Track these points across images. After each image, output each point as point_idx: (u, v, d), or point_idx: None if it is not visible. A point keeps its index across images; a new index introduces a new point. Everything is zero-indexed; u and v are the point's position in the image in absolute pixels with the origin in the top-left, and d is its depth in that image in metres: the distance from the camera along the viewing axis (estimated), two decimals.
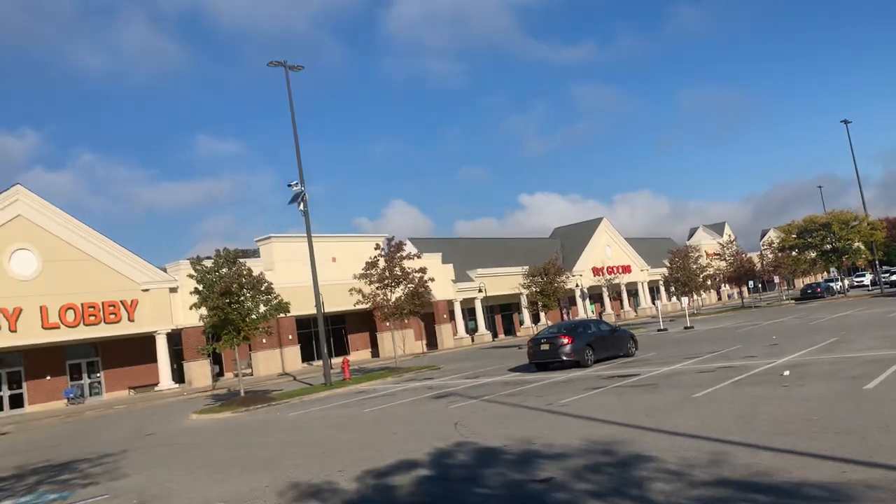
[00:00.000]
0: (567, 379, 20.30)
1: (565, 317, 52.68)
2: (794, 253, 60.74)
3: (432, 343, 56.36)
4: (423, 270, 32.51)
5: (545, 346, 23.59)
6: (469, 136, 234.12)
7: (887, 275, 63.71)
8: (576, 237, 76.42)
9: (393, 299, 32.14)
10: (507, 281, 61.71)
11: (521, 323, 67.29)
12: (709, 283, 59.82)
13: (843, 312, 36.55)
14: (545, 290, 40.70)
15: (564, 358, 23.04)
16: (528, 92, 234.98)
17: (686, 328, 40.14)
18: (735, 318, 46.41)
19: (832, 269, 63.03)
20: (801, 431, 9.32)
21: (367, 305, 32.22)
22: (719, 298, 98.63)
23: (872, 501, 6.17)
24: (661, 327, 41.88)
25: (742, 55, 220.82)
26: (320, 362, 38.42)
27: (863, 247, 57.01)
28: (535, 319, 66.03)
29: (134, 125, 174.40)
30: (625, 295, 78.42)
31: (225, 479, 11.29)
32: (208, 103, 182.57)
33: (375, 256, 32.70)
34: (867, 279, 68.21)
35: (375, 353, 53.18)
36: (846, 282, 64.54)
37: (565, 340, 23.19)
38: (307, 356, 48.72)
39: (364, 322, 53.32)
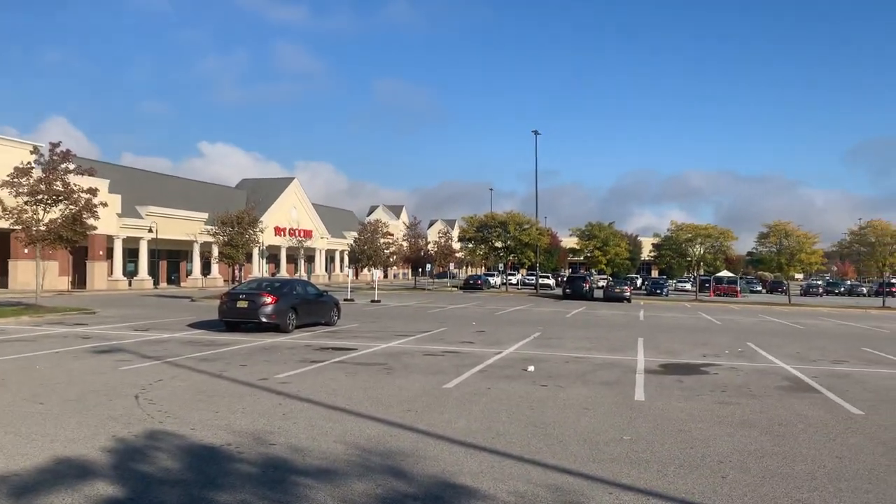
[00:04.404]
0: (269, 345, 17.07)
1: (237, 273, 48.37)
2: (470, 245, 63.90)
3: (80, 282, 48.18)
4: (92, 191, 26.36)
5: (243, 304, 19.96)
6: (159, 69, 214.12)
7: (532, 277, 70.74)
8: (264, 193, 72.11)
9: (47, 220, 25.53)
10: (182, 225, 55.52)
11: (189, 273, 61.32)
12: (392, 259, 60.38)
13: (518, 307, 38.31)
14: (235, 240, 36.44)
15: (264, 319, 19.70)
16: (233, 37, 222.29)
17: (373, 301, 39.04)
18: (415, 297, 46.69)
19: (501, 265, 67.65)
20: (631, 458, 7.51)
21: (8, 223, 25.13)
22: (385, 276, 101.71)
23: None
24: (349, 297, 40.24)
25: (440, 60, 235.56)
26: None
27: (530, 250, 61.80)
28: (206, 271, 60.56)
29: None
30: (301, 260, 76.17)
31: None
32: None
33: (30, 163, 25.72)
34: (515, 279, 75.00)
35: (3, 284, 43.63)
36: (500, 278, 70.29)
37: (269, 300, 19.83)
38: None
39: None
